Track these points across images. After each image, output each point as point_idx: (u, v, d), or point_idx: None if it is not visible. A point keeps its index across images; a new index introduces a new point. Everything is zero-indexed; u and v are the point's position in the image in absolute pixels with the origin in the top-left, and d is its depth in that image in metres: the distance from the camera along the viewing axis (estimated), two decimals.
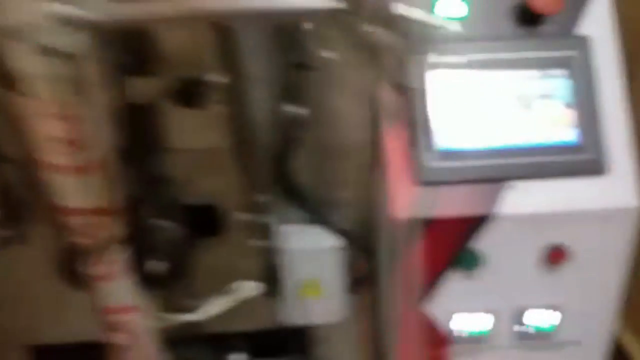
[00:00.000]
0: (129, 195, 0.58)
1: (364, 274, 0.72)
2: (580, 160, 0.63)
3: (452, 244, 0.65)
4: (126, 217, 0.57)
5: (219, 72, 0.59)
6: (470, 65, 0.63)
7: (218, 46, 0.57)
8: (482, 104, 0.63)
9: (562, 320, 0.70)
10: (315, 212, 0.70)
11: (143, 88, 0.59)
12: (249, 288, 0.74)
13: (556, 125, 0.62)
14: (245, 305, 0.73)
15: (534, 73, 0.63)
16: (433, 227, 0.63)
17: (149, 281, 0.63)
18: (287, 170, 0.68)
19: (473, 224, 0.64)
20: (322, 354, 0.82)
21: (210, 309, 0.74)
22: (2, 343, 0.81)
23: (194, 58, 0.60)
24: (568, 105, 0.63)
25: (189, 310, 0.73)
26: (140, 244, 0.61)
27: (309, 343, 0.82)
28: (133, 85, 0.59)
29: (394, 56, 0.53)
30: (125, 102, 0.58)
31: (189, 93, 0.59)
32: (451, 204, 0.63)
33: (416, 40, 0.57)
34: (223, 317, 0.76)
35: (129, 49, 0.57)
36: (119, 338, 0.62)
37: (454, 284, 0.67)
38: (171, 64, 0.60)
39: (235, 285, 0.73)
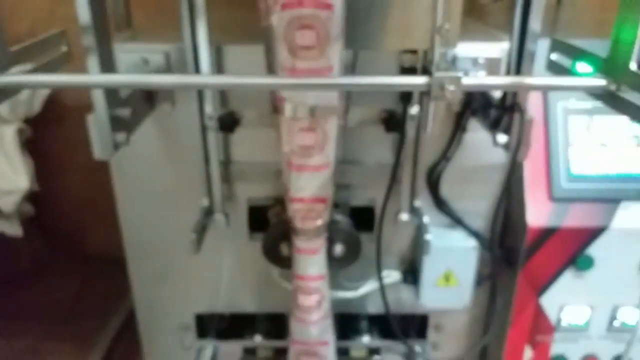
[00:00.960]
0: None
1: (489, 271, 0.89)
2: None
3: (572, 249, 0.82)
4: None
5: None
6: (597, 111, 0.81)
7: None
8: (604, 141, 0.81)
9: None
10: (457, 218, 0.86)
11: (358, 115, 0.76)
12: (394, 276, 0.90)
13: None
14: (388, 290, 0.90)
15: None
16: (560, 234, 0.80)
17: (331, 260, 0.80)
18: (437, 183, 0.85)
19: (591, 234, 0.81)
20: (437, 339, 0.98)
21: (363, 290, 0.91)
22: (164, 313, 0.97)
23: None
24: None
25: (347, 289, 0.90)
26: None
27: (427, 328, 0.98)
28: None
29: None
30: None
31: (389, 120, 0.76)
32: (576, 217, 0.80)
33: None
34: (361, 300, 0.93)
35: None
36: (310, 300, 0.78)
37: (566, 281, 0.84)
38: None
39: (384, 273, 0.90)
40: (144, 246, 0.90)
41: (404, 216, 0.84)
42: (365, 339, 0.95)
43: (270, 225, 0.83)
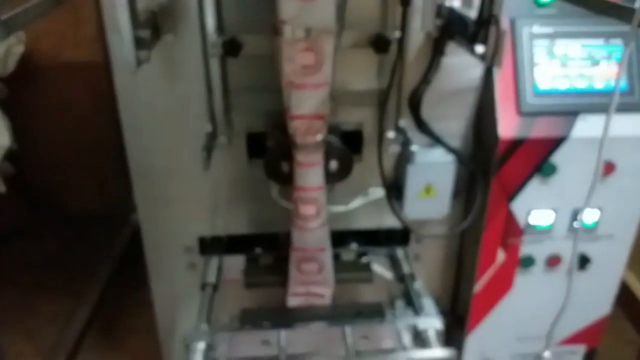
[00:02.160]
0: None
1: (465, 183, 0.99)
2: (629, 101, 0.91)
3: (538, 158, 0.92)
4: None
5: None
6: (558, 35, 0.91)
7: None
8: (565, 61, 0.91)
9: (602, 219, 0.99)
10: (436, 137, 0.95)
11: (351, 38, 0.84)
12: (379, 192, 1.00)
13: (612, 77, 0.91)
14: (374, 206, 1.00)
15: (600, 41, 0.91)
16: (527, 144, 0.91)
17: (326, 176, 0.89)
18: (418, 106, 0.94)
19: (554, 144, 0.91)
20: (418, 250, 1.09)
21: (353, 204, 1.00)
22: (169, 236, 1.04)
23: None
24: (620, 64, 0.91)
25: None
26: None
27: (408, 240, 1.08)
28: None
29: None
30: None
31: (378, 42, 0.84)
32: (541, 129, 0.91)
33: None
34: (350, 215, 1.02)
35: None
36: (310, 209, 0.87)
37: (533, 187, 0.95)
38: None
39: (370, 190, 0.99)
40: (149, 172, 0.96)
41: (390, 134, 0.93)
42: (354, 245, 1.05)
43: (269, 147, 0.90)
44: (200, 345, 0.86)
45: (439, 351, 0.85)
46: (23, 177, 1.66)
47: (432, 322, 0.90)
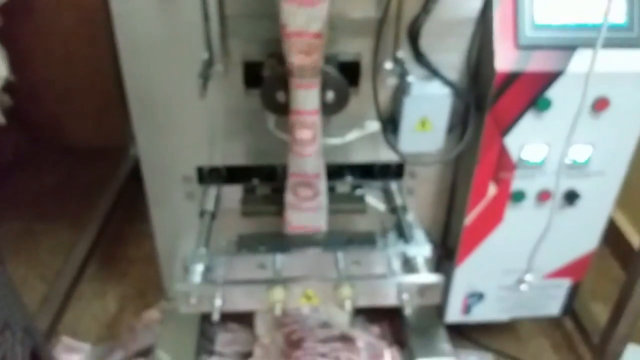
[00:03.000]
0: None
1: (460, 118, 1.00)
2: (628, 36, 0.91)
3: (534, 92, 0.93)
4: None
5: None
6: None
7: None
8: None
9: (594, 155, 1.01)
10: (433, 69, 0.96)
11: None
12: (375, 125, 1.01)
13: (612, 11, 0.90)
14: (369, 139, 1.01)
15: None
16: (523, 78, 0.91)
17: (323, 106, 0.89)
18: (417, 37, 0.93)
19: (550, 78, 0.92)
20: (412, 185, 1.11)
21: (348, 138, 1.01)
22: (168, 165, 1.06)
23: None
24: None
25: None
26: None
27: (402, 175, 1.10)
28: None
29: None
30: None
31: None
32: (538, 62, 0.91)
33: None
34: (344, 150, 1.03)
35: None
36: (306, 133, 0.88)
37: (527, 122, 0.96)
38: None
39: (366, 123, 1.00)
40: (147, 100, 0.97)
41: (388, 65, 0.94)
42: (349, 179, 1.07)
43: (266, 76, 0.90)
44: (199, 267, 0.90)
45: (426, 276, 0.89)
46: (21, 109, 1.66)
47: (421, 250, 0.93)
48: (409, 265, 0.92)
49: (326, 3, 0.76)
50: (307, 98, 0.84)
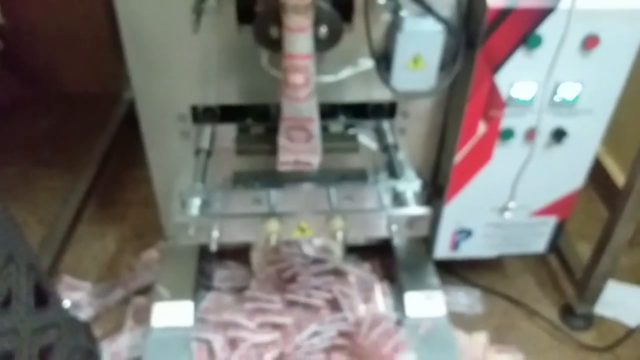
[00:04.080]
0: None
1: (452, 55, 1.01)
2: None
3: (524, 29, 0.94)
4: None
5: None
6: None
7: None
8: None
9: (582, 93, 1.02)
10: (427, 6, 0.96)
11: None
12: (368, 63, 1.02)
13: None
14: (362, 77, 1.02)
15: None
16: (514, 14, 0.92)
17: (316, 42, 0.90)
18: None
19: (541, 14, 0.93)
20: (404, 124, 1.13)
21: (341, 75, 1.02)
22: (162, 104, 1.07)
23: None
24: None
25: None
26: None
27: (394, 114, 1.12)
28: None
29: None
30: None
31: None
32: None
33: None
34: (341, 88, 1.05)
35: None
36: (299, 78, 0.90)
37: (518, 59, 0.97)
38: None
39: (359, 60, 1.01)
40: (140, 38, 0.97)
41: (381, 0, 0.94)
42: (342, 118, 1.09)
43: (259, 11, 0.91)
44: (196, 201, 0.92)
45: (414, 209, 0.92)
46: (13, 53, 1.65)
47: (410, 185, 0.96)
48: (398, 199, 0.95)
49: None
50: (299, 41, 0.85)
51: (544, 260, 1.43)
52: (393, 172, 1.04)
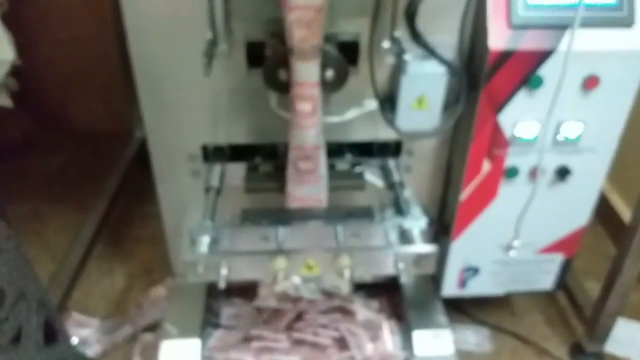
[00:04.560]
0: None
1: (455, 96, 1.03)
2: (617, 16, 0.94)
3: (526, 70, 0.96)
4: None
5: None
6: None
7: None
8: None
9: (585, 132, 1.04)
10: (430, 49, 0.99)
11: None
12: (373, 104, 1.04)
13: None
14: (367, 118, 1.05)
15: None
16: (516, 56, 0.95)
17: (322, 85, 0.93)
18: (414, 17, 0.97)
19: (542, 56, 0.95)
20: (409, 162, 1.15)
21: (347, 116, 1.05)
22: (173, 143, 1.10)
23: None
24: None
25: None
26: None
27: (400, 153, 1.14)
28: None
29: None
30: None
31: None
32: (530, 41, 0.94)
33: None
34: (345, 128, 1.07)
35: None
36: (307, 106, 0.92)
37: (520, 100, 1.00)
38: None
39: (365, 101, 1.04)
40: (153, 80, 1.01)
41: (385, 44, 0.97)
42: (349, 156, 1.11)
43: (268, 55, 0.94)
44: (205, 239, 0.94)
45: (421, 247, 0.93)
46: (28, 93, 1.69)
47: (417, 222, 0.97)
48: (405, 237, 0.96)
49: None
50: (307, 70, 0.87)
51: (552, 297, 1.42)
52: (399, 209, 1.06)
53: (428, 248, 0.93)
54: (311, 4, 0.81)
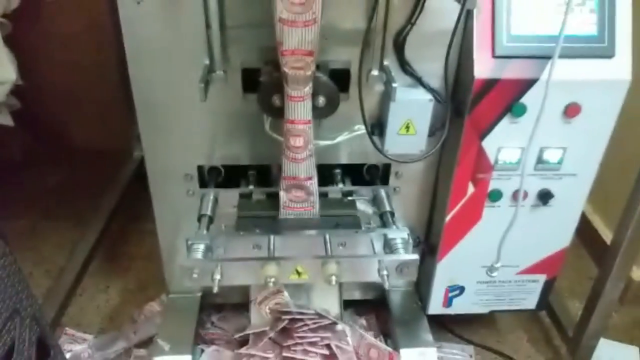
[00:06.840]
0: None
1: (441, 122, 1.07)
2: (598, 47, 0.99)
3: (509, 98, 1.01)
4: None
5: None
6: None
7: None
8: (539, 7, 0.98)
9: (566, 157, 1.08)
10: (417, 77, 1.03)
11: None
12: (363, 128, 1.08)
13: (584, 23, 0.98)
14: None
15: None
16: (500, 85, 0.99)
17: (314, 110, 0.97)
18: (402, 47, 1.01)
19: (525, 85, 1.00)
20: (398, 184, 1.19)
21: (339, 139, 1.09)
22: (170, 165, 1.13)
23: None
24: (592, 11, 0.98)
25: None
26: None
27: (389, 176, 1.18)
28: None
29: None
30: None
31: None
32: (513, 71, 0.99)
33: None
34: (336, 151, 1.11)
35: None
36: (299, 141, 0.97)
37: (503, 127, 1.04)
38: None
39: (356, 127, 1.08)
40: (151, 103, 1.05)
41: (375, 72, 1.01)
42: (340, 185, 1.15)
43: (262, 82, 0.98)
44: (200, 246, 0.98)
45: (404, 255, 0.99)
46: (29, 112, 1.73)
47: (400, 233, 1.03)
48: (389, 246, 1.02)
49: (317, 25, 0.85)
50: (299, 109, 0.93)
51: (536, 317, 1.46)
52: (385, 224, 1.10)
53: (410, 256, 0.98)
54: (303, 49, 0.86)
